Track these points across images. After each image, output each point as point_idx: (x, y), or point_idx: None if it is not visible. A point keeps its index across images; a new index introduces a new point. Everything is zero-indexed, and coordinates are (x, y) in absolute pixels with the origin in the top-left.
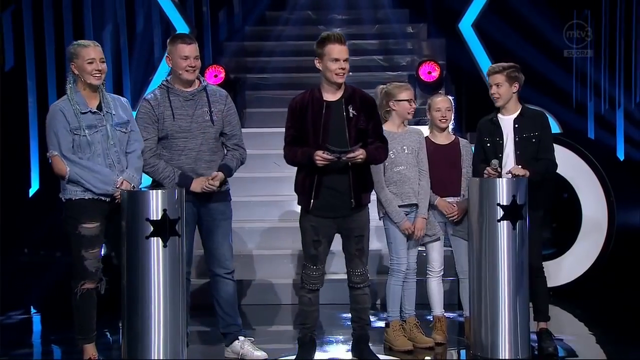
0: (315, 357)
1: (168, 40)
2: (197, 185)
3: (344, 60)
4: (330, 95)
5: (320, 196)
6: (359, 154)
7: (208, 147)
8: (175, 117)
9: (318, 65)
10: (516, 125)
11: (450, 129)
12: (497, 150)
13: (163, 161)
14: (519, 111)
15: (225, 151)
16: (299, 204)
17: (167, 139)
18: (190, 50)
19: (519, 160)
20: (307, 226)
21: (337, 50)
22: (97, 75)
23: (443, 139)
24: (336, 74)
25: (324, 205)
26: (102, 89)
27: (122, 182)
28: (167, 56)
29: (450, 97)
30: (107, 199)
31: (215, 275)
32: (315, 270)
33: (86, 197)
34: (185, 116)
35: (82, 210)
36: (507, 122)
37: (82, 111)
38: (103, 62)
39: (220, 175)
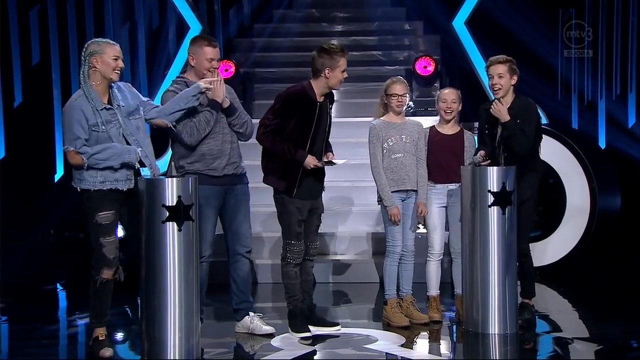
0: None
1: (191, 40)
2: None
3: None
4: (321, 97)
5: (304, 182)
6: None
7: (229, 130)
8: (198, 107)
9: (328, 73)
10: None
11: (456, 120)
12: (492, 136)
13: None
14: (511, 101)
15: None
16: (281, 188)
17: None
18: (215, 53)
19: (505, 147)
20: (292, 208)
21: (345, 62)
22: (118, 72)
23: (448, 129)
24: (341, 83)
25: (306, 189)
26: (110, 85)
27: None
28: (190, 55)
29: (454, 89)
30: (123, 189)
31: (236, 254)
32: (300, 245)
33: (104, 188)
34: (206, 106)
35: (99, 200)
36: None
37: (99, 108)
38: (122, 60)
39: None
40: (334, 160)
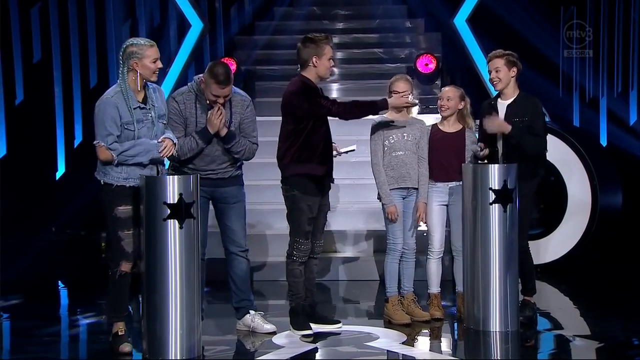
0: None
1: (208, 66)
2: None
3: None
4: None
5: (318, 177)
6: None
7: (222, 151)
8: (198, 125)
9: (316, 62)
10: (508, 110)
11: (459, 118)
12: (493, 134)
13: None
14: (514, 97)
15: None
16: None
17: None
18: (221, 92)
19: (504, 142)
20: (304, 206)
21: (331, 50)
22: (157, 72)
23: (450, 127)
24: (330, 71)
25: (319, 185)
26: (147, 83)
27: (164, 139)
28: (202, 79)
29: (455, 88)
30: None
31: (230, 253)
32: (308, 244)
33: (127, 185)
34: (197, 133)
35: (119, 195)
36: (503, 106)
37: (134, 106)
38: (160, 60)
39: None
40: (350, 148)
